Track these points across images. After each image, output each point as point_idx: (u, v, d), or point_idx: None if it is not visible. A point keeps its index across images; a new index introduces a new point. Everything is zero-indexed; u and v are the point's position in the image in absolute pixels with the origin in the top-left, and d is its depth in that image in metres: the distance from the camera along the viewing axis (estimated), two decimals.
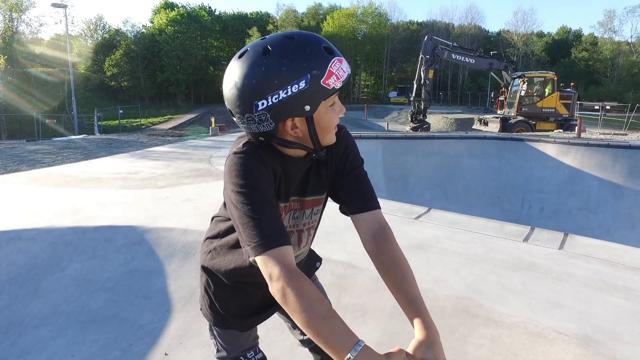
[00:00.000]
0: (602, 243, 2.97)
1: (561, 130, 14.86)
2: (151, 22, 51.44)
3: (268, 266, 0.84)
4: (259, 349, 1.31)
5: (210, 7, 55.50)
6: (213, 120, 15.24)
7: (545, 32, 55.36)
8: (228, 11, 62.75)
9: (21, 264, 2.87)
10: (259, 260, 0.85)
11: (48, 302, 2.59)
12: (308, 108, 0.88)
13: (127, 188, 4.87)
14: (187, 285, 2.70)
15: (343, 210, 1.10)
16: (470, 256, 2.67)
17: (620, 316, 1.91)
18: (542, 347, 1.74)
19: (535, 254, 2.71)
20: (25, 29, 35.99)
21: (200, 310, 1.27)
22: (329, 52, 0.89)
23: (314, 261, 1.34)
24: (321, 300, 0.80)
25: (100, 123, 24.80)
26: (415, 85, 16.01)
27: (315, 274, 1.40)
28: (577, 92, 16.75)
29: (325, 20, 52.16)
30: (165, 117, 37.41)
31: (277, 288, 0.81)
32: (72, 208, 3.90)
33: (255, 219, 0.87)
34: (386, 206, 3.76)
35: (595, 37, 48.91)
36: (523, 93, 15.88)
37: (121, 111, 28.86)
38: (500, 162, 10.36)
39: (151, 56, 46.19)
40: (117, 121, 28.50)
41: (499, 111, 18.19)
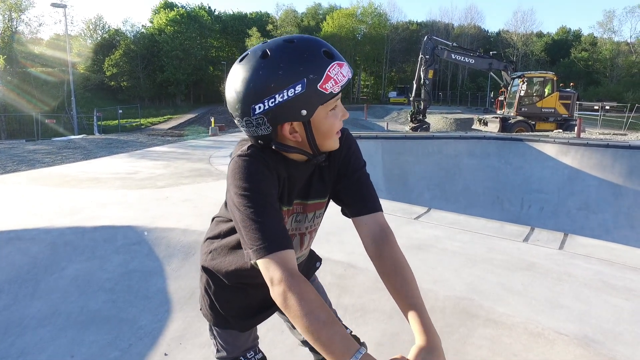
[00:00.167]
0: (602, 243, 2.97)
1: (561, 130, 14.87)
2: (151, 22, 51.44)
3: (270, 270, 0.83)
4: (259, 349, 1.31)
5: (209, 7, 55.55)
6: (213, 120, 15.24)
7: (545, 32, 55.46)
8: (228, 11, 62.51)
9: (20, 264, 2.86)
10: (260, 263, 0.85)
11: (47, 303, 2.58)
12: (305, 112, 0.88)
13: (127, 188, 4.86)
14: (187, 286, 2.69)
15: (345, 213, 1.09)
16: (470, 256, 2.67)
17: (620, 316, 1.91)
18: (543, 348, 1.74)
19: (535, 254, 2.71)
20: (25, 28, 36.00)
21: (200, 310, 1.27)
22: (329, 57, 0.88)
23: (314, 261, 1.34)
24: (322, 305, 0.79)
25: (99, 123, 24.80)
26: (414, 85, 16.02)
27: (315, 274, 1.40)
28: (577, 92, 16.75)
29: (325, 21, 52.16)
30: (165, 117, 37.41)
31: (279, 292, 0.81)
32: (72, 208, 3.89)
33: (258, 222, 0.87)
34: (386, 206, 3.75)
35: (594, 37, 48.98)
36: (523, 93, 15.89)
37: (121, 111, 28.87)
38: (500, 162, 10.37)
39: (151, 56, 46.19)
40: (117, 121, 28.50)
41: (498, 111, 18.20)
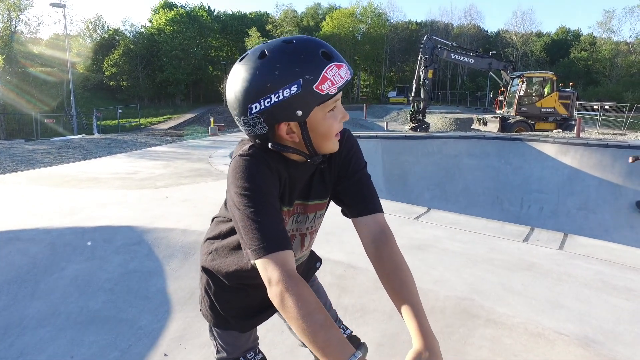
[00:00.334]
0: (602, 243, 2.97)
1: (560, 130, 14.88)
2: (150, 22, 51.40)
3: (268, 270, 0.83)
4: (259, 349, 1.31)
5: (209, 7, 55.49)
6: (212, 120, 15.24)
7: (544, 32, 55.53)
8: (227, 11, 62.58)
9: (20, 264, 2.86)
10: (259, 263, 0.85)
11: (47, 303, 2.58)
12: (300, 113, 0.87)
13: (126, 188, 4.86)
14: (187, 286, 2.69)
15: (345, 213, 1.08)
16: (471, 256, 2.67)
17: (620, 316, 1.91)
18: (543, 348, 1.74)
19: (536, 254, 2.71)
20: (24, 28, 35.94)
21: (200, 311, 1.27)
22: (327, 57, 0.88)
23: (314, 262, 1.33)
24: (320, 308, 0.79)
25: (99, 123, 24.77)
26: (414, 85, 16.02)
27: (315, 275, 1.39)
28: (576, 92, 16.75)
29: (325, 20, 52.16)
30: (164, 117, 37.40)
31: (276, 293, 0.81)
32: (71, 208, 3.89)
33: (257, 222, 0.86)
34: (386, 206, 3.74)
35: (594, 37, 49.02)
36: (522, 93, 15.89)
37: (120, 111, 28.86)
38: (500, 162, 10.37)
39: (150, 56, 46.17)
40: (116, 121, 28.49)
41: (498, 111, 18.20)
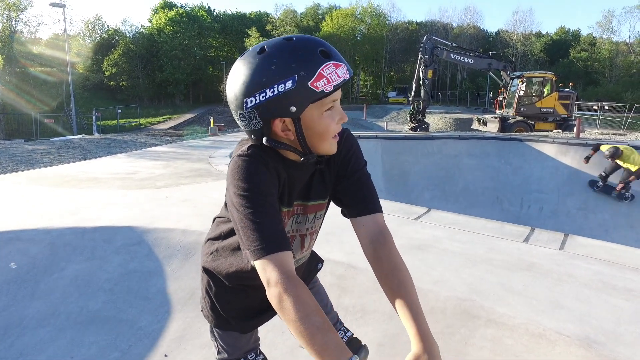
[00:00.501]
0: (603, 243, 2.97)
1: (560, 130, 14.88)
2: (150, 22, 51.35)
3: (267, 271, 0.83)
4: (260, 350, 1.31)
5: (209, 7, 55.44)
6: (212, 120, 15.23)
7: (544, 32, 55.52)
8: (227, 11, 62.60)
9: (20, 264, 2.85)
10: (257, 264, 0.85)
11: (47, 303, 2.57)
12: (294, 109, 0.87)
13: (126, 188, 4.85)
14: (187, 286, 2.69)
15: (344, 214, 1.08)
16: (471, 257, 2.67)
17: (621, 317, 1.91)
18: (544, 349, 1.73)
19: (536, 255, 2.71)
20: (24, 28, 35.95)
21: (201, 311, 1.27)
22: (325, 56, 0.88)
23: (315, 263, 1.33)
24: (318, 310, 0.79)
25: (98, 123, 24.76)
26: (414, 85, 16.03)
27: (316, 276, 1.39)
28: (576, 92, 16.76)
29: (324, 20, 52.14)
30: (164, 117, 37.39)
31: (274, 294, 0.80)
32: (71, 208, 3.88)
33: (256, 222, 0.86)
34: (386, 206, 3.75)
35: (593, 38, 49.03)
36: (522, 93, 15.89)
37: (120, 111, 28.83)
38: (499, 162, 10.37)
39: (150, 56, 46.13)
40: (116, 121, 28.46)
41: (497, 111, 18.22)
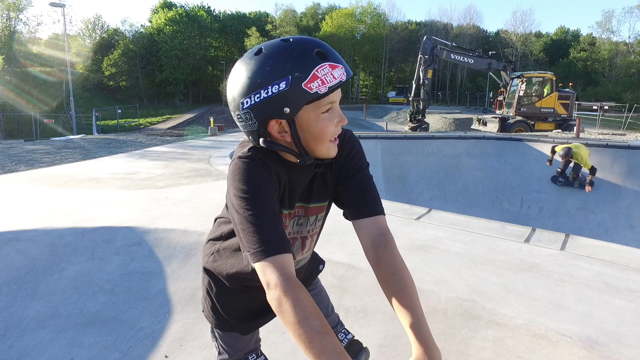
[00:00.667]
0: (604, 244, 2.96)
1: (560, 130, 14.89)
2: (150, 22, 51.41)
3: (266, 273, 0.82)
4: (260, 351, 1.30)
5: (209, 7, 55.50)
6: (212, 120, 15.22)
7: (544, 32, 55.63)
8: (227, 11, 62.63)
9: (19, 265, 2.84)
10: (257, 266, 0.84)
11: (47, 304, 2.57)
12: (288, 110, 0.87)
13: (126, 188, 4.84)
14: (187, 287, 2.68)
15: (346, 216, 1.07)
16: (472, 257, 2.66)
17: (623, 318, 1.90)
18: (546, 350, 1.73)
19: (537, 255, 2.70)
20: (23, 28, 35.96)
21: (202, 312, 1.26)
22: (321, 57, 0.87)
23: (317, 264, 1.32)
24: (317, 314, 0.78)
25: (98, 123, 24.73)
26: (414, 85, 16.05)
27: (318, 278, 1.38)
28: (576, 92, 16.77)
29: (324, 20, 52.17)
30: (164, 117, 37.38)
31: (274, 296, 0.80)
32: (71, 209, 3.87)
33: (256, 225, 0.86)
34: (387, 206, 3.73)
35: (593, 38, 49.10)
36: (522, 93, 15.90)
37: (119, 111, 28.78)
38: (499, 162, 10.37)
39: (149, 56, 46.15)
40: (116, 121, 28.43)
41: (497, 111, 18.22)
